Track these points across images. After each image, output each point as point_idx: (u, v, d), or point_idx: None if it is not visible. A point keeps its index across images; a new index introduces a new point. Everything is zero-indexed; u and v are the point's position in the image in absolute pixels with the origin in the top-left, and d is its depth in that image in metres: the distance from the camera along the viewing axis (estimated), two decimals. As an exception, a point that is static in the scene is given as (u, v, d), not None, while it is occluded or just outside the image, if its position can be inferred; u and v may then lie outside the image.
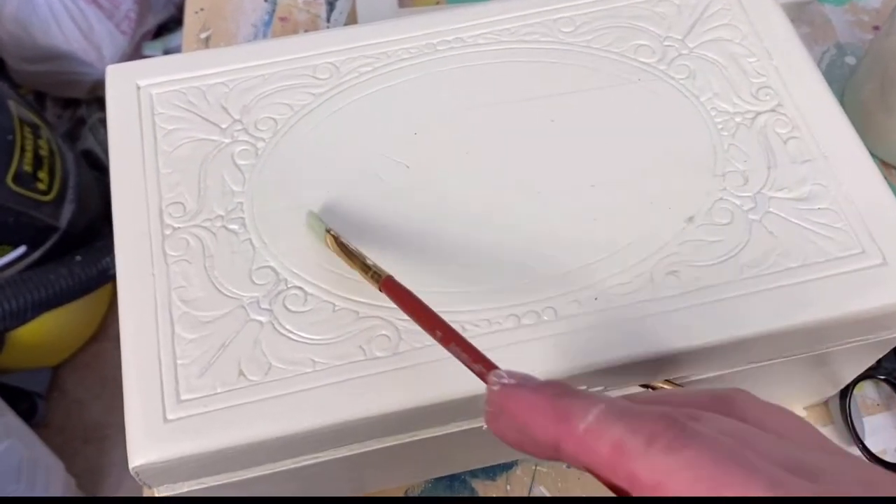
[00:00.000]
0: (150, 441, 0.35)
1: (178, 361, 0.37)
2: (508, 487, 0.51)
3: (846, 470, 0.23)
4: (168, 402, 0.36)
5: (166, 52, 1.46)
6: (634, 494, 0.22)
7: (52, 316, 1.15)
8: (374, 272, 0.36)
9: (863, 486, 0.22)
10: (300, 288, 0.38)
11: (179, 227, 0.40)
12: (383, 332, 0.37)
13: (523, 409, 0.26)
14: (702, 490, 0.21)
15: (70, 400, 1.33)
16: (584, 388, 0.38)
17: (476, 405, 0.37)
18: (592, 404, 0.24)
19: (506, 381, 0.27)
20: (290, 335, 0.37)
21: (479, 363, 0.29)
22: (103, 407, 1.32)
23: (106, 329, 1.35)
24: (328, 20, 0.70)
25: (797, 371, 0.44)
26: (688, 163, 0.41)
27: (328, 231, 0.39)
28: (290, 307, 0.38)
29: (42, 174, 1.12)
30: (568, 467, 0.52)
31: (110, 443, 1.29)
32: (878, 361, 0.51)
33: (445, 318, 0.37)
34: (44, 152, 1.13)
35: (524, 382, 0.26)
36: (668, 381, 0.40)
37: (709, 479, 0.21)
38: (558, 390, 0.25)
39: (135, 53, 1.45)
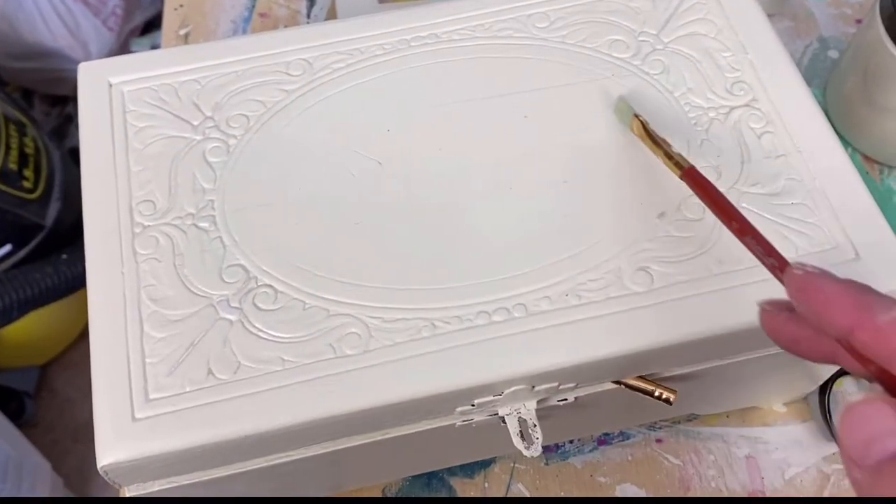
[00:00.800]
0: (118, 440, 0.35)
1: (147, 360, 0.37)
2: (486, 485, 0.51)
3: None
4: (136, 401, 0.36)
5: (153, 48, 1.45)
6: None
7: (39, 315, 1.14)
8: (678, 161, 0.38)
9: None
10: (270, 286, 0.38)
11: (149, 226, 0.40)
12: (353, 329, 0.37)
13: (824, 294, 0.27)
14: None
15: (60, 399, 1.32)
16: (555, 384, 0.38)
17: (448, 403, 0.37)
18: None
19: (810, 269, 0.29)
20: (259, 333, 0.37)
21: (772, 257, 0.31)
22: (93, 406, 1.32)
23: (94, 327, 1.34)
24: (308, 16, 0.70)
25: (774, 367, 0.44)
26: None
27: (636, 116, 0.41)
28: (260, 305, 0.38)
29: (28, 172, 1.11)
30: (545, 464, 0.52)
31: (100, 442, 1.28)
32: (858, 357, 0.51)
33: (414, 314, 0.37)
34: (29, 150, 1.13)
35: (827, 273, 0.28)
36: (640, 378, 0.40)
37: None
38: (860, 285, 0.27)
39: (122, 50, 1.45)
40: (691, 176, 0.37)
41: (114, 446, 0.35)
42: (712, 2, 0.46)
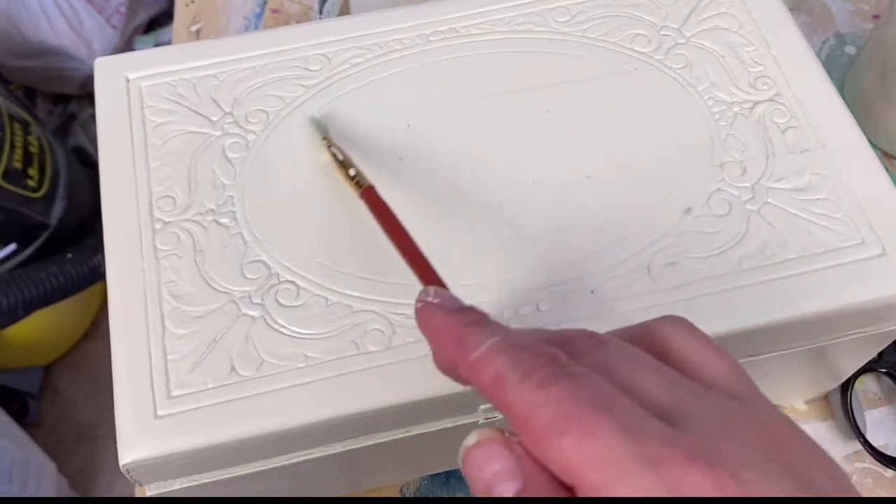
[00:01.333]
0: (140, 437, 0.35)
1: (169, 357, 0.36)
2: (504, 483, 0.51)
3: (715, 416, 0.23)
4: (159, 398, 0.35)
5: (157, 46, 1.45)
6: (513, 424, 0.24)
7: (44, 314, 1.14)
8: (358, 181, 0.38)
9: (721, 431, 0.23)
10: (292, 282, 0.38)
11: (170, 222, 0.40)
12: (377, 326, 0.37)
13: (433, 328, 0.27)
14: (558, 427, 0.22)
15: (62, 399, 1.32)
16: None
17: (472, 401, 0.37)
18: (491, 335, 0.25)
19: (430, 299, 0.28)
20: (282, 330, 0.37)
21: (424, 285, 0.30)
22: (96, 406, 1.31)
23: (98, 327, 1.34)
24: (320, 11, 0.69)
25: (797, 364, 0.44)
26: (685, 153, 0.41)
27: (324, 139, 0.41)
28: (282, 301, 0.37)
29: (32, 171, 1.11)
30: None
31: (103, 442, 1.28)
32: (880, 354, 0.51)
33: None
34: (34, 149, 1.13)
35: (444, 304, 0.28)
36: (666, 375, 0.39)
37: (565, 417, 0.22)
38: (469, 318, 0.26)
39: (126, 48, 1.45)
40: (367, 196, 0.37)
41: (136, 444, 0.34)
42: (734, -4, 0.46)
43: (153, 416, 0.35)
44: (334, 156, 0.40)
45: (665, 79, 0.43)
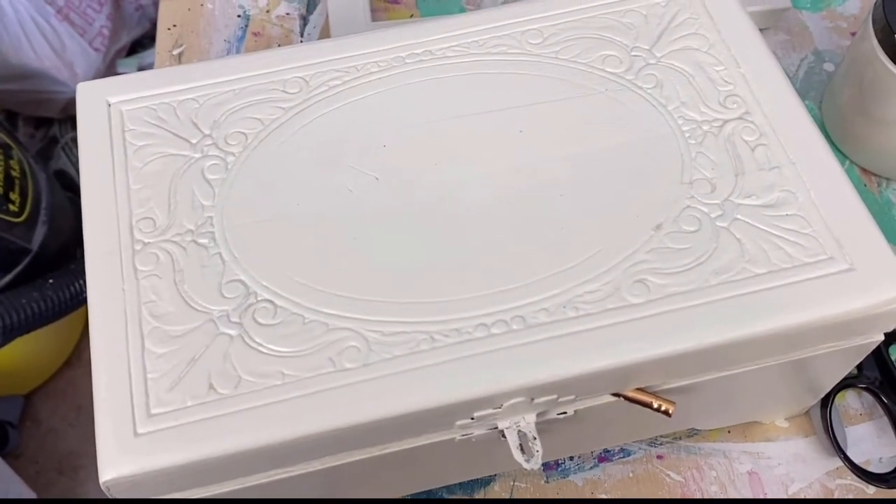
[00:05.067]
0: (120, 455, 0.35)
1: (149, 375, 0.37)
2: None
3: None
4: (138, 416, 0.36)
5: (140, 69, 1.44)
6: None
7: (24, 342, 1.13)
8: None
9: None
10: (270, 301, 0.38)
11: (150, 242, 0.40)
12: (353, 343, 0.37)
13: None
14: None
15: (44, 429, 1.31)
16: (554, 396, 0.38)
17: (447, 417, 0.37)
18: None
19: None
20: (259, 348, 0.37)
21: None
22: (78, 436, 1.30)
23: (80, 355, 1.33)
24: (301, 35, 0.70)
25: (774, 379, 0.44)
26: (655, 171, 0.42)
27: None
28: (259, 320, 0.38)
29: (14, 195, 1.10)
30: (546, 482, 0.52)
31: (86, 473, 1.27)
32: (859, 370, 0.51)
33: (413, 328, 0.38)
34: (15, 173, 1.12)
35: None
36: (639, 390, 0.40)
37: None
38: None
39: (108, 71, 1.45)
40: None
41: (116, 461, 0.35)
42: (704, 16, 0.47)
43: (133, 434, 0.35)
44: None
45: (636, 98, 0.44)
